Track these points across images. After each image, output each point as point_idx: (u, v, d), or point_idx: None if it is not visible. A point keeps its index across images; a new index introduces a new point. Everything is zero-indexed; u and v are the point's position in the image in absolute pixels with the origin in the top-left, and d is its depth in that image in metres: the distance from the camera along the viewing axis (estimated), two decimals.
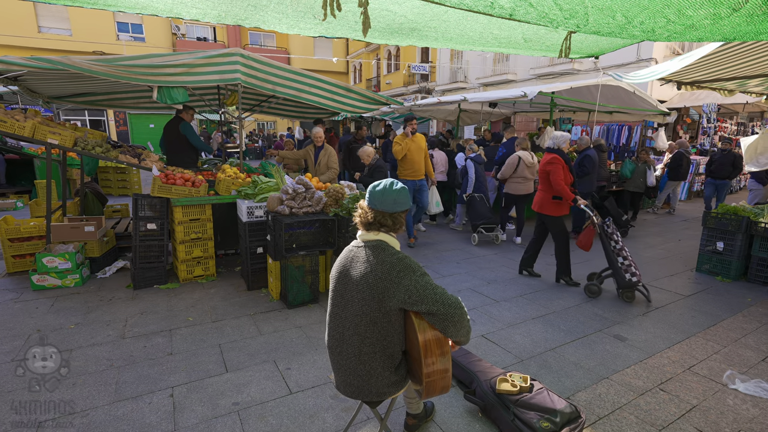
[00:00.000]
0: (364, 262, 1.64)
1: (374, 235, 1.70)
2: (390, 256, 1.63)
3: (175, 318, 3.54)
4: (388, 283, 1.57)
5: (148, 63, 4.40)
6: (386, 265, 1.60)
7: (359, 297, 1.62)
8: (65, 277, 4.19)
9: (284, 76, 5.22)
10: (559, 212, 4.51)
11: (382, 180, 1.74)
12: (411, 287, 1.56)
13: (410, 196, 1.75)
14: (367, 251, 1.67)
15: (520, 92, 6.71)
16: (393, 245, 1.71)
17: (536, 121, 16.70)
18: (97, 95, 6.33)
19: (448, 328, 1.56)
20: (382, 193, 1.69)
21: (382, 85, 26.74)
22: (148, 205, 4.29)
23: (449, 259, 5.50)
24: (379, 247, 1.67)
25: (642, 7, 1.42)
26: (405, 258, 1.64)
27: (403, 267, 1.60)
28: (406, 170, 5.91)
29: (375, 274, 1.59)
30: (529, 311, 3.84)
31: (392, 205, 1.68)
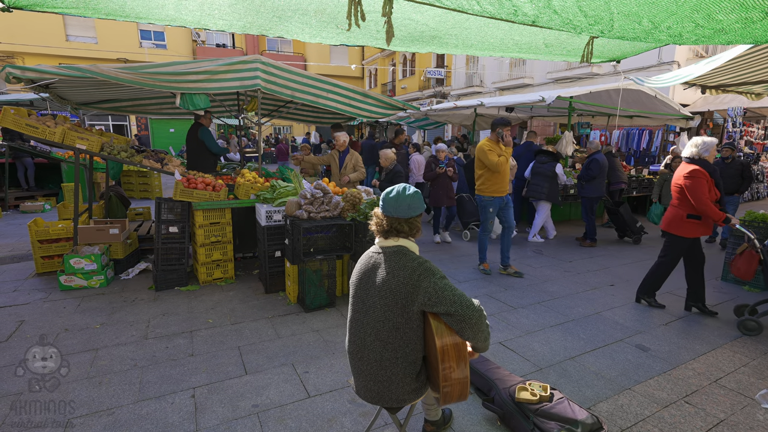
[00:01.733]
0: (385, 268, 1.65)
1: (393, 241, 1.71)
2: (410, 260, 1.64)
3: (195, 320, 3.61)
4: (411, 288, 1.59)
5: (172, 71, 4.53)
6: (407, 270, 1.61)
7: (381, 303, 1.63)
8: (91, 278, 4.32)
9: (302, 82, 5.29)
10: (692, 233, 3.80)
11: (394, 186, 1.75)
12: (430, 289, 1.57)
13: (491, 214, 1.73)
14: (388, 257, 1.68)
15: (537, 97, 6.66)
16: (413, 250, 1.72)
17: (553, 125, 16.51)
18: (122, 101, 6.53)
19: (465, 330, 1.56)
20: (396, 200, 1.70)
21: (397, 89, 26.84)
22: (169, 209, 4.40)
23: (466, 263, 5.47)
24: (400, 252, 1.68)
25: (669, 13, 1.41)
26: (425, 262, 1.65)
27: (424, 270, 1.61)
28: (494, 185, 4.83)
29: (397, 279, 1.61)
30: (547, 319, 3.79)
31: (407, 211, 1.69)
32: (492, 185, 4.84)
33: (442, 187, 6.26)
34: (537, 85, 16.49)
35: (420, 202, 1.72)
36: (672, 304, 4.21)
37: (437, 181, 6.26)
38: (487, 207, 4.90)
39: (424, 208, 1.74)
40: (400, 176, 5.95)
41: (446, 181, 6.24)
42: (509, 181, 5.80)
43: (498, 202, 4.93)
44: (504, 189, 4.90)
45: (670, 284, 4.75)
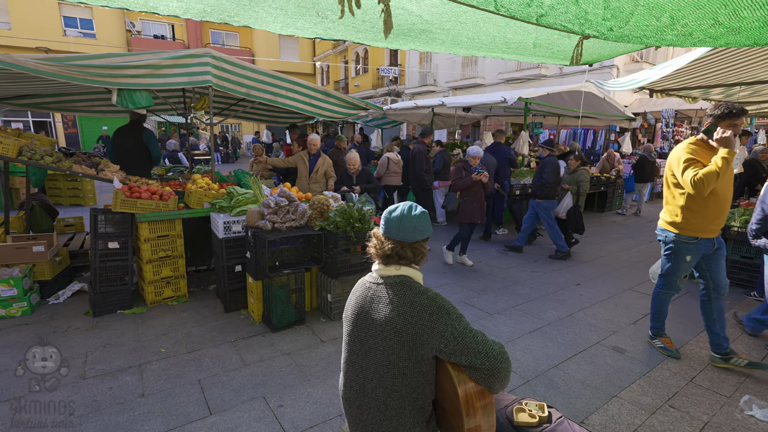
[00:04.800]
0: (388, 304, 1.42)
1: (395, 269, 1.48)
2: (418, 295, 1.41)
3: (144, 350, 3.16)
4: (420, 329, 1.36)
5: (106, 63, 3.98)
6: (416, 307, 1.38)
7: (384, 345, 1.40)
8: (10, 306, 3.67)
9: (259, 79, 4.90)
10: None
11: (399, 204, 1.53)
12: (447, 334, 1.35)
13: (688, 265, 1.42)
14: (390, 290, 1.44)
15: (499, 97, 6.70)
16: (418, 280, 1.50)
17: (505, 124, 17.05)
18: (44, 97, 5.72)
19: (494, 385, 1.35)
20: (400, 220, 1.47)
21: (350, 87, 26.48)
22: (108, 221, 3.84)
23: (435, 268, 5.36)
24: (404, 284, 1.45)
25: (696, 7, 1.30)
26: (436, 297, 1.42)
27: (436, 309, 1.38)
28: (704, 219, 2.92)
29: (404, 318, 1.38)
30: (524, 324, 3.74)
31: (412, 234, 1.47)
32: (701, 219, 2.91)
33: (476, 199, 5.20)
34: (489, 85, 16.92)
35: (427, 224, 1.50)
36: (636, 300, 4.35)
37: (470, 192, 5.18)
38: (684, 254, 3.01)
39: (431, 232, 1.52)
40: (371, 176, 5.70)
41: (481, 192, 5.22)
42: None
43: (705, 246, 2.99)
44: (720, 224, 2.99)
45: (631, 281, 4.94)
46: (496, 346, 1.38)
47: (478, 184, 5.14)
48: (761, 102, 6.93)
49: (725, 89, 6.18)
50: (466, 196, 5.20)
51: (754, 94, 6.35)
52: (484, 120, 13.81)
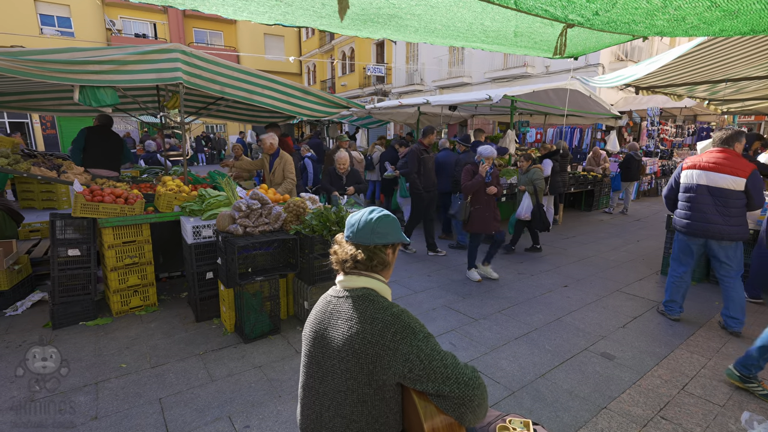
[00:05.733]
0: (348, 320, 1.25)
1: (356, 279, 1.31)
2: (381, 311, 1.24)
3: (103, 366, 2.93)
4: (381, 350, 1.19)
5: (67, 58, 3.72)
6: (377, 325, 1.21)
7: (342, 368, 1.22)
8: None
9: (233, 76, 4.66)
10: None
11: (367, 208, 1.36)
12: (412, 357, 1.18)
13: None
14: (351, 304, 1.27)
15: (484, 95, 6.57)
16: (384, 294, 1.33)
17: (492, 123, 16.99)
18: (8, 95, 5.39)
19: (466, 416, 1.17)
20: (358, 222, 1.33)
21: (337, 86, 26.23)
22: (69, 226, 3.59)
23: (420, 271, 5.20)
24: (366, 298, 1.28)
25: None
26: (402, 314, 1.25)
27: (401, 327, 1.21)
28: None
29: (363, 336, 1.21)
30: (510, 330, 3.60)
31: (369, 236, 1.30)
32: None
33: (489, 206, 4.63)
34: (475, 84, 16.85)
35: (390, 228, 1.33)
36: (625, 302, 4.24)
37: (482, 198, 4.61)
38: None
39: (396, 240, 1.35)
40: (359, 176, 5.51)
41: (493, 199, 4.72)
42: None
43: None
44: None
45: (619, 282, 4.84)
46: (467, 371, 1.21)
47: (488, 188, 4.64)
48: (746, 99, 6.92)
49: (711, 86, 6.14)
50: (477, 203, 4.64)
51: (738, 92, 6.33)
52: (471, 119, 13.72)
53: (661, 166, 11.87)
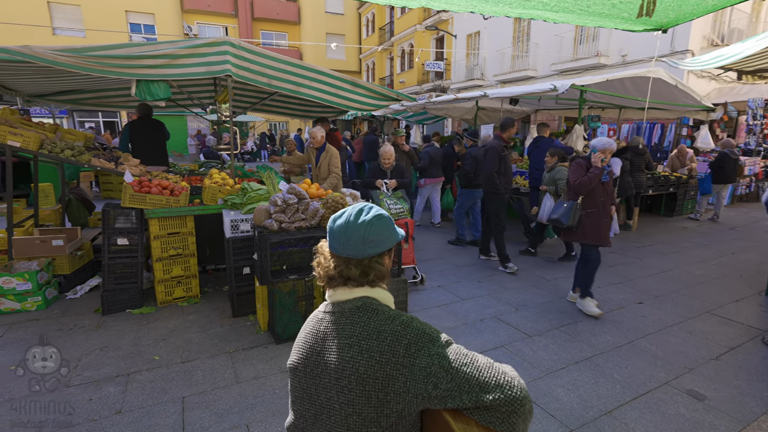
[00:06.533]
0: (347, 339, 0.98)
1: (351, 291, 1.04)
2: (387, 321, 0.97)
3: (138, 357, 2.93)
4: (393, 369, 0.92)
5: (124, 53, 3.83)
6: (385, 339, 0.94)
7: (342, 400, 0.95)
8: (25, 300, 3.64)
9: (281, 68, 4.59)
10: None
11: (347, 208, 1.08)
12: (435, 368, 0.90)
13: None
14: (347, 319, 1.01)
15: (548, 86, 5.96)
16: (387, 303, 1.06)
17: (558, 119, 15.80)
18: (83, 93, 5.82)
19: (517, 425, 0.87)
20: (345, 230, 1.03)
21: (395, 83, 26.08)
22: (120, 217, 3.71)
23: (470, 275, 4.79)
24: (366, 309, 1.01)
25: None
26: (412, 321, 0.98)
27: (415, 336, 0.94)
28: None
29: (369, 356, 0.93)
30: (570, 351, 3.11)
31: (361, 247, 1.02)
32: None
33: (606, 212, 3.72)
34: (540, 77, 15.76)
35: (385, 232, 1.04)
36: (717, 328, 3.53)
37: (595, 199, 3.69)
38: None
39: (393, 241, 1.07)
40: (404, 171, 5.20)
41: (610, 202, 3.80)
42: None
43: None
44: None
45: (709, 302, 4.08)
46: (508, 370, 0.94)
47: (606, 189, 3.75)
48: None
49: None
50: (591, 206, 3.71)
51: None
52: (535, 114, 12.79)
53: (764, 167, 10.19)
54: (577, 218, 3.74)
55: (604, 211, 3.74)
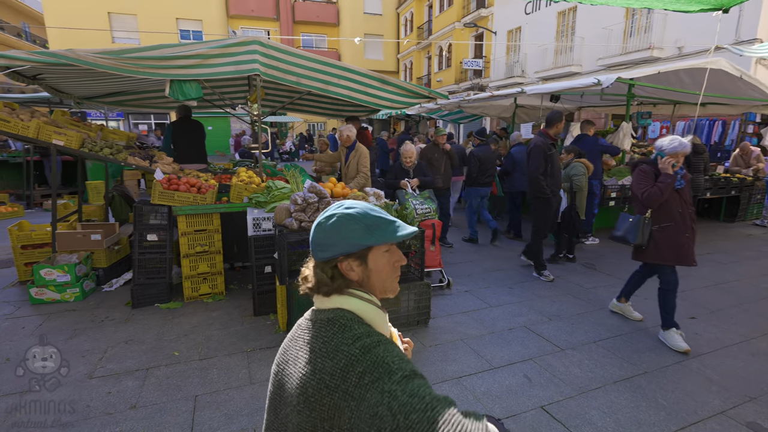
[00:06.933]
0: (307, 353, 0.87)
1: (328, 300, 0.94)
2: (349, 342, 0.83)
3: (159, 351, 2.98)
4: (341, 398, 0.78)
5: (158, 54, 3.94)
6: (339, 360, 0.81)
7: (295, 422, 0.84)
8: (64, 291, 3.82)
9: (309, 66, 4.56)
10: None
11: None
12: (382, 409, 0.74)
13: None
14: (315, 331, 0.90)
15: (592, 80, 5.55)
16: (366, 316, 0.92)
17: (604, 117, 14.93)
18: (126, 95, 6.11)
19: None
20: (314, 232, 0.95)
21: (432, 82, 25.77)
22: (151, 213, 3.81)
23: (501, 281, 4.54)
24: (335, 323, 0.88)
25: None
26: (376, 346, 0.83)
27: (371, 364, 0.79)
28: None
29: (320, 378, 0.81)
30: (608, 368, 2.82)
31: (316, 251, 0.94)
32: None
33: (685, 225, 3.13)
34: (586, 73, 14.93)
35: (334, 236, 0.91)
36: None
37: (672, 211, 3.09)
38: None
39: (345, 249, 0.91)
40: (426, 170, 5.01)
41: (687, 212, 3.15)
42: None
43: None
44: None
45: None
46: (475, 418, 0.76)
47: (682, 196, 3.14)
48: None
49: None
50: (665, 219, 3.10)
51: None
52: (578, 112, 12.12)
53: None
54: (647, 234, 3.14)
55: (683, 224, 3.09)
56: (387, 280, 0.97)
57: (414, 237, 3.25)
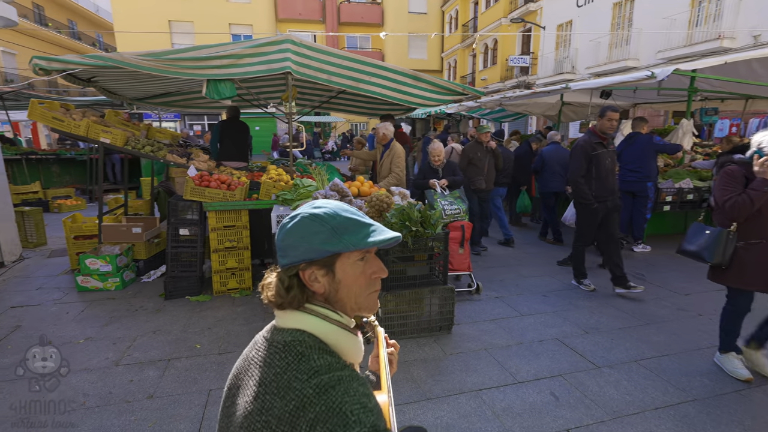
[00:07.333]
0: (256, 385, 0.75)
1: (288, 316, 0.81)
2: (304, 377, 0.71)
3: (183, 343, 3.06)
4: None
5: (194, 55, 4.07)
6: (289, 402, 0.69)
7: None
8: (106, 280, 4.06)
9: (340, 64, 4.52)
10: None
11: None
12: None
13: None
14: (269, 358, 0.77)
15: (645, 73, 5.09)
16: (327, 340, 0.79)
17: (664, 114, 13.83)
18: (172, 96, 6.42)
19: None
20: (277, 233, 0.84)
21: (477, 81, 25.16)
22: (184, 209, 3.95)
23: (535, 288, 4.26)
24: (292, 350, 0.75)
25: None
26: (336, 385, 0.70)
27: (326, 412, 0.67)
28: None
29: (266, 419, 0.70)
30: (650, 392, 2.53)
31: (281, 254, 0.81)
32: None
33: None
34: (643, 67, 13.85)
35: (295, 240, 0.79)
36: None
37: (763, 226, 2.50)
38: None
39: (306, 256, 0.78)
40: (456, 169, 4.81)
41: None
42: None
43: None
44: None
45: None
46: None
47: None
48: None
49: None
50: (754, 235, 2.52)
51: None
52: (633, 109, 11.26)
53: None
54: (730, 252, 2.56)
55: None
56: (360, 294, 0.83)
57: (437, 239, 3.11)
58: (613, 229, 4.13)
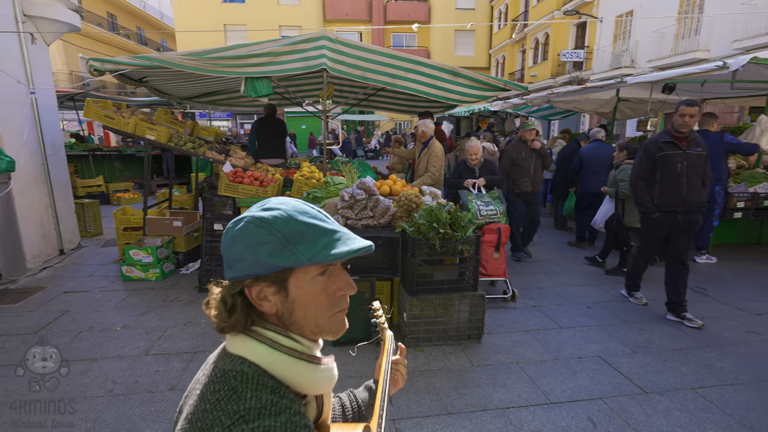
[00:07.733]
0: (188, 416, 0.62)
1: (230, 340, 0.68)
2: (227, 423, 0.56)
3: (209, 336, 3.11)
4: None
5: (233, 54, 4.15)
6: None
7: None
8: (147, 271, 4.25)
9: (376, 60, 4.42)
10: None
11: None
12: None
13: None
14: (207, 385, 0.64)
15: (715, 63, 4.55)
16: (275, 371, 0.64)
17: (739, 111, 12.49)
18: (218, 94, 6.65)
19: None
20: (222, 240, 0.68)
21: (526, 77, 24.17)
22: (219, 204, 4.04)
23: (578, 298, 3.94)
24: (227, 381, 0.61)
25: None
26: (276, 419, 0.57)
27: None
28: None
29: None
30: (709, 428, 2.20)
31: (226, 266, 0.66)
32: None
33: None
34: (715, 59, 12.57)
35: (243, 250, 0.63)
36: None
37: None
38: None
39: (259, 270, 0.63)
40: (495, 169, 4.53)
41: None
42: None
43: None
44: None
45: None
46: None
47: None
48: None
49: None
50: None
51: None
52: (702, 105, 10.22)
53: None
54: None
55: None
56: (320, 316, 0.68)
57: (467, 242, 2.93)
58: (682, 255, 3.43)
